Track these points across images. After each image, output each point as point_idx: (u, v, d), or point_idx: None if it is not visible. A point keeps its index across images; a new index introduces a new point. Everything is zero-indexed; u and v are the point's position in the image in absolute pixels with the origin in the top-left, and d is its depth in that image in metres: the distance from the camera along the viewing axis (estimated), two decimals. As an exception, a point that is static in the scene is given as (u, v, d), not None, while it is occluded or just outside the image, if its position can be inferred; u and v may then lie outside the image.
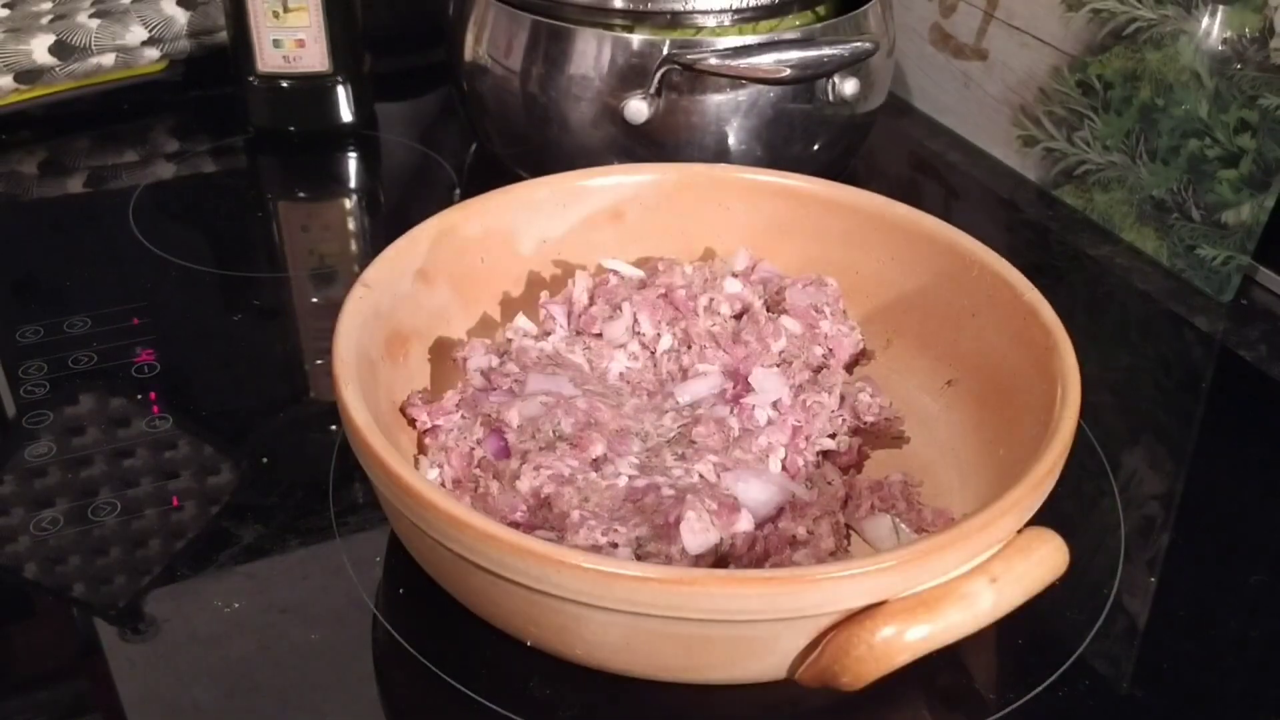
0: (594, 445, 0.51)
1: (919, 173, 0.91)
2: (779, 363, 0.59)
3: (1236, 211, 0.72)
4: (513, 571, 0.42)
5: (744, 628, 0.42)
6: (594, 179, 0.64)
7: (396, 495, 0.44)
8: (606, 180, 0.64)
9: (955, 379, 0.59)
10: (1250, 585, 0.54)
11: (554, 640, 0.45)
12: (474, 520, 0.42)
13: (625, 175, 0.65)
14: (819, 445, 0.56)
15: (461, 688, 0.47)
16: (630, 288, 0.62)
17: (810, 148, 0.78)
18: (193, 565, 0.53)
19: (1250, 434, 0.64)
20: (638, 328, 0.60)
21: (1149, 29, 0.76)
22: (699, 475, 0.51)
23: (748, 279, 0.63)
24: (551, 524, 0.49)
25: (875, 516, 0.53)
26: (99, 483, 0.57)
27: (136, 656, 0.49)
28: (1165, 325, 0.73)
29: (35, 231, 0.79)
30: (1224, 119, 0.72)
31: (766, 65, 0.71)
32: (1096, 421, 0.62)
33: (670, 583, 0.40)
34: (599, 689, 0.47)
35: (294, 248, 0.79)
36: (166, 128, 0.91)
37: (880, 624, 0.41)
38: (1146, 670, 0.50)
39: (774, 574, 0.41)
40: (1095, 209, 0.82)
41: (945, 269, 0.60)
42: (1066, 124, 0.83)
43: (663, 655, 0.44)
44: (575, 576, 0.41)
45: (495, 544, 0.41)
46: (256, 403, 0.63)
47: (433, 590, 0.49)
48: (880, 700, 0.46)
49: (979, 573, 0.43)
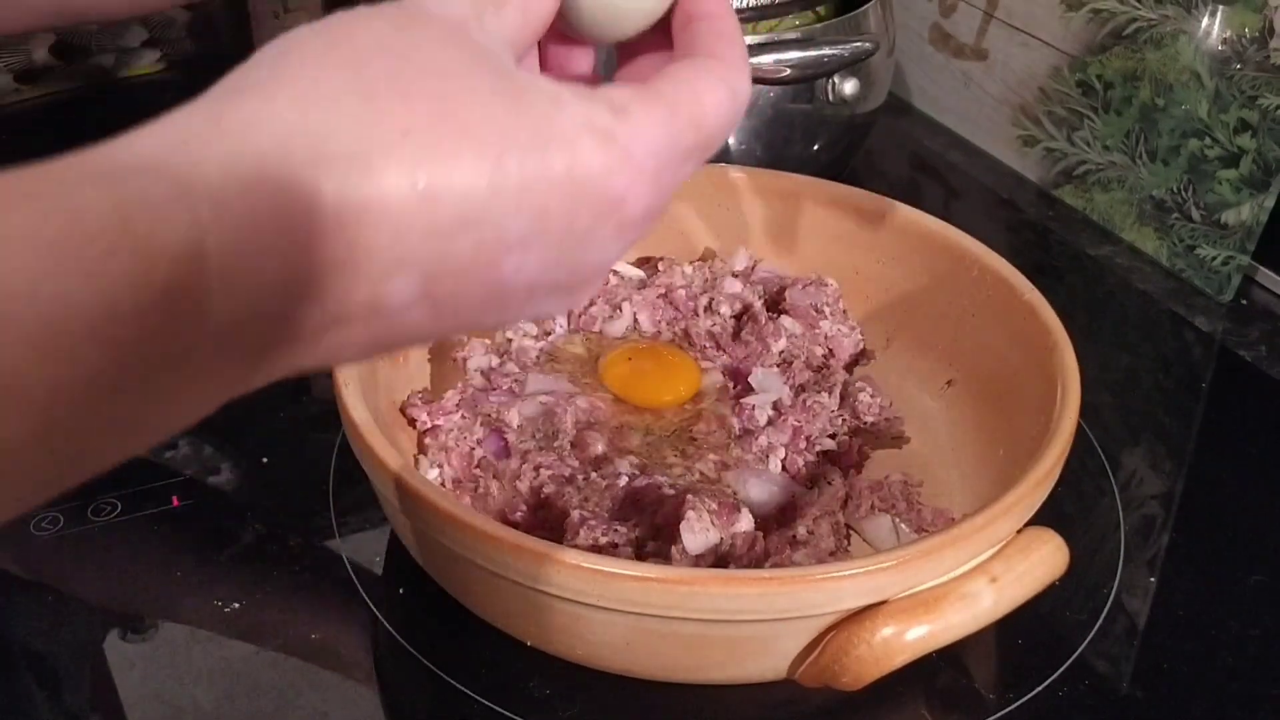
0: (594, 445, 0.51)
1: (919, 173, 0.91)
2: (779, 363, 0.59)
3: (1236, 211, 0.72)
4: (513, 571, 0.42)
5: (744, 628, 0.42)
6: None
7: (396, 495, 0.44)
8: (606, 180, 0.64)
9: (955, 379, 0.59)
10: (1250, 585, 0.54)
11: (554, 640, 0.45)
12: (474, 520, 0.42)
13: (625, 175, 0.64)
14: (819, 445, 0.56)
15: (461, 688, 0.47)
16: (630, 288, 0.62)
17: (810, 148, 0.78)
18: (193, 565, 0.53)
19: (1250, 434, 0.64)
20: (638, 327, 0.60)
21: (1149, 29, 0.76)
22: (699, 473, 0.51)
23: (748, 279, 0.63)
24: (551, 524, 0.49)
25: (875, 516, 0.53)
26: (99, 482, 0.57)
27: (136, 656, 0.49)
28: (1165, 325, 0.73)
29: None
30: (1224, 119, 0.72)
31: (766, 65, 0.71)
32: (1096, 421, 0.62)
33: (670, 583, 0.40)
34: (599, 689, 0.47)
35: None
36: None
37: (880, 624, 0.41)
38: (1146, 670, 0.50)
39: (774, 574, 0.41)
40: (1095, 209, 0.82)
41: (945, 269, 0.60)
42: (1066, 124, 0.83)
43: (663, 655, 0.44)
44: (575, 576, 0.41)
45: (495, 544, 0.41)
46: (256, 403, 0.63)
47: (433, 590, 0.49)
48: (880, 700, 0.46)
49: (979, 573, 0.43)
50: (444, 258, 0.26)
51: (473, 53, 0.28)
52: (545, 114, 0.27)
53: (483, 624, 0.47)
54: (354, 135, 0.25)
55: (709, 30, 0.33)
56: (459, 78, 0.27)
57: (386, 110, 0.26)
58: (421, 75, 0.26)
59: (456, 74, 0.27)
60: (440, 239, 0.26)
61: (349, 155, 0.25)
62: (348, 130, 0.25)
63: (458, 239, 0.26)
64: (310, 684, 0.48)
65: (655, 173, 0.29)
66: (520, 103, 0.27)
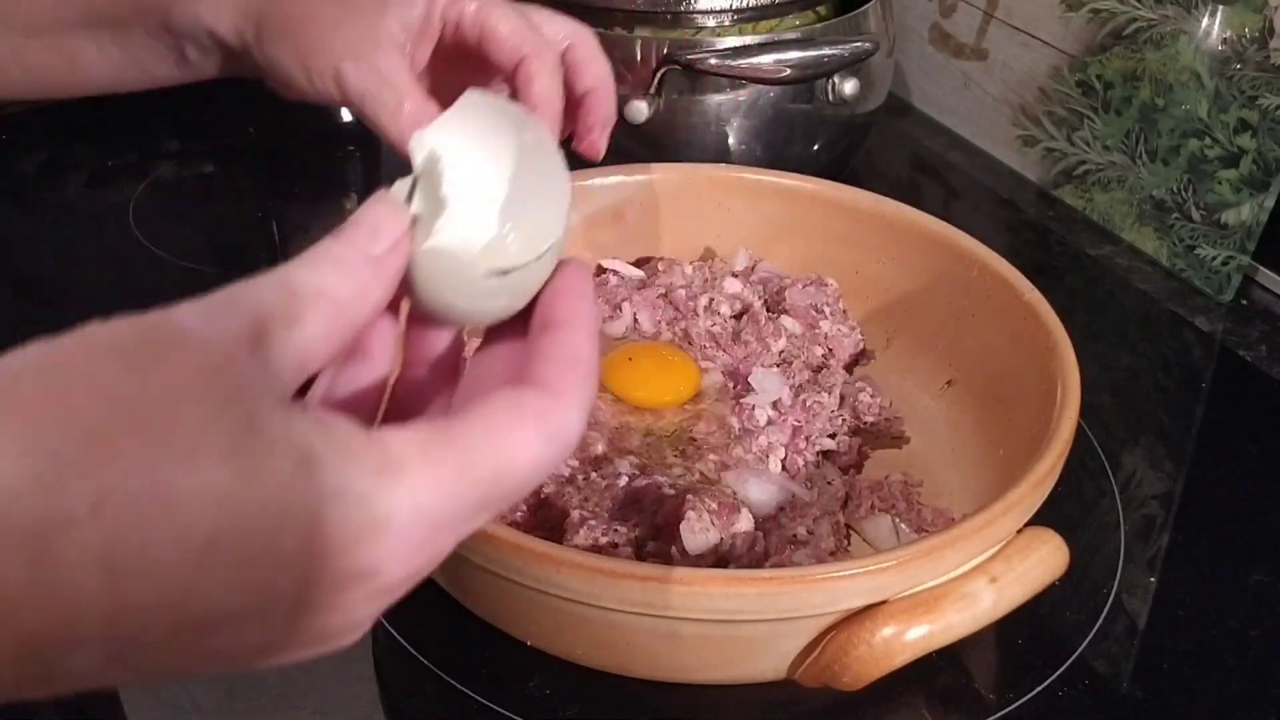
0: (594, 445, 0.51)
1: (919, 173, 0.91)
2: (779, 363, 0.59)
3: (1236, 211, 0.72)
4: (513, 571, 0.42)
5: (744, 628, 0.42)
6: (594, 179, 0.64)
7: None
8: (606, 180, 0.64)
9: (955, 379, 0.59)
10: (1250, 585, 0.54)
11: (554, 640, 0.45)
12: (474, 520, 0.42)
13: (625, 175, 0.65)
14: (819, 445, 0.56)
15: (462, 688, 0.47)
16: (630, 288, 0.62)
17: (810, 148, 0.78)
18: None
19: (1250, 434, 0.64)
20: (638, 327, 0.60)
21: (1149, 29, 0.76)
22: (699, 473, 0.51)
23: (748, 279, 0.63)
24: (551, 524, 0.49)
25: (875, 516, 0.53)
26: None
27: (136, 656, 0.49)
28: (1165, 325, 0.73)
29: (35, 231, 0.79)
30: (1224, 119, 0.72)
31: (766, 65, 0.71)
32: (1096, 421, 0.62)
33: (670, 583, 0.40)
34: (599, 689, 0.47)
35: (294, 248, 0.79)
36: (166, 128, 0.91)
37: (880, 624, 0.41)
38: (1146, 670, 0.50)
39: (774, 574, 0.41)
40: (1095, 209, 0.82)
41: (945, 269, 0.60)
42: (1066, 124, 0.83)
43: (663, 655, 0.44)
44: (575, 576, 0.41)
45: (495, 544, 0.41)
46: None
47: (432, 590, 0.49)
48: (880, 700, 0.46)
49: (979, 573, 0.43)
50: (136, 634, 0.23)
51: (219, 400, 0.24)
52: (286, 481, 0.24)
53: (483, 624, 0.47)
54: (37, 506, 0.22)
55: (553, 350, 0.30)
56: (186, 436, 0.24)
57: (81, 476, 0.22)
58: (138, 433, 0.23)
59: (185, 431, 0.24)
60: (130, 616, 0.23)
61: (25, 531, 0.22)
62: (30, 500, 0.22)
63: (153, 616, 0.23)
64: (310, 684, 0.48)
65: (423, 539, 0.26)
66: (257, 468, 0.24)
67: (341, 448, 0.25)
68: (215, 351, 0.25)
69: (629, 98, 0.72)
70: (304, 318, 0.27)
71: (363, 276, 0.28)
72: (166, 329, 0.25)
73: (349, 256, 0.28)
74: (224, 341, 0.25)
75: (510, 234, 0.33)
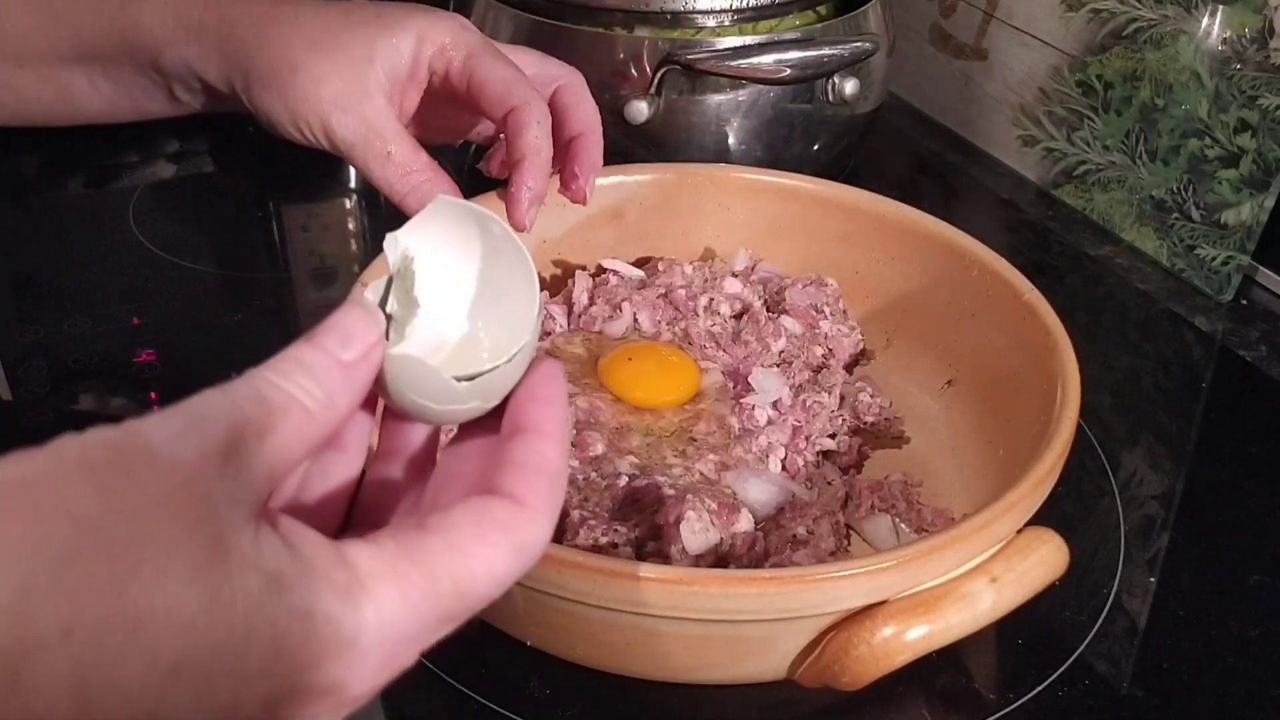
0: (594, 445, 0.51)
1: (919, 173, 0.91)
2: (779, 363, 0.59)
3: (1236, 211, 0.72)
4: (513, 571, 0.42)
5: (744, 628, 0.42)
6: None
7: (396, 495, 0.44)
8: (606, 180, 0.64)
9: (955, 379, 0.59)
10: (1250, 585, 0.54)
11: (554, 640, 0.45)
12: (474, 520, 0.42)
13: (625, 175, 0.65)
14: (819, 445, 0.56)
15: (461, 688, 0.47)
16: (630, 288, 0.62)
17: (810, 148, 0.78)
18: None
19: (1250, 434, 0.64)
20: (638, 327, 0.60)
21: (1149, 29, 0.76)
22: (699, 473, 0.51)
23: (748, 279, 0.63)
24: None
25: (875, 516, 0.53)
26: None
27: (136, 656, 0.49)
28: (1165, 325, 0.73)
29: (35, 231, 0.79)
30: (1224, 119, 0.72)
31: (766, 65, 0.71)
32: (1096, 421, 0.62)
33: (670, 583, 0.40)
34: (599, 689, 0.47)
35: (294, 248, 0.79)
36: (166, 128, 0.91)
37: (880, 624, 0.41)
38: (1146, 670, 0.50)
39: (774, 574, 0.41)
40: (1095, 209, 0.82)
41: (945, 269, 0.60)
42: (1066, 124, 0.83)
43: (663, 655, 0.44)
44: (575, 576, 0.41)
45: (495, 544, 0.41)
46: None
47: (433, 590, 0.49)
48: (880, 700, 0.46)
49: (979, 573, 0.43)
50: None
51: (189, 520, 0.25)
52: (254, 601, 0.25)
53: (483, 624, 0.47)
54: (6, 634, 0.22)
55: (522, 457, 0.30)
56: (155, 557, 0.24)
57: (51, 604, 0.23)
58: (107, 554, 0.23)
59: (153, 552, 0.24)
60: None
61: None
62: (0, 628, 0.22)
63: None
64: (310, 684, 0.48)
65: (388, 655, 0.27)
66: (225, 588, 0.24)
67: (309, 568, 0.26)
68: (185, 469, 0.25)
69: (629, 98, 0.72)
70: (275, 428, 0.27)
71: (334, 383, 0.29)
72: (137, 446, 0.25)
73: (320, 363, 0.29)
74: (194, 458, 0.25)
75: (482, 337, 0.33)
